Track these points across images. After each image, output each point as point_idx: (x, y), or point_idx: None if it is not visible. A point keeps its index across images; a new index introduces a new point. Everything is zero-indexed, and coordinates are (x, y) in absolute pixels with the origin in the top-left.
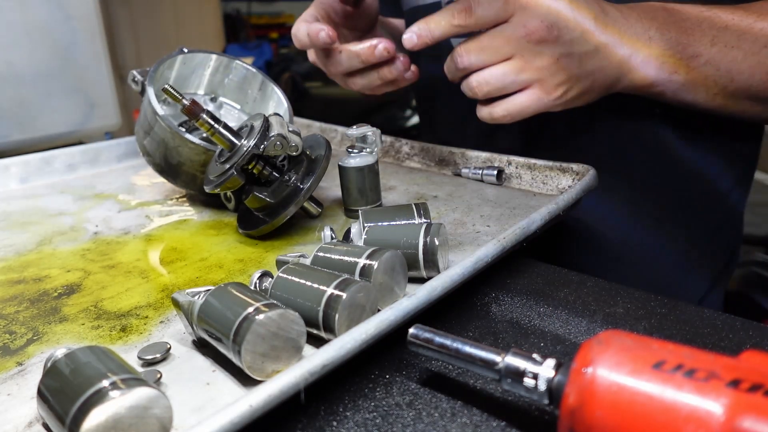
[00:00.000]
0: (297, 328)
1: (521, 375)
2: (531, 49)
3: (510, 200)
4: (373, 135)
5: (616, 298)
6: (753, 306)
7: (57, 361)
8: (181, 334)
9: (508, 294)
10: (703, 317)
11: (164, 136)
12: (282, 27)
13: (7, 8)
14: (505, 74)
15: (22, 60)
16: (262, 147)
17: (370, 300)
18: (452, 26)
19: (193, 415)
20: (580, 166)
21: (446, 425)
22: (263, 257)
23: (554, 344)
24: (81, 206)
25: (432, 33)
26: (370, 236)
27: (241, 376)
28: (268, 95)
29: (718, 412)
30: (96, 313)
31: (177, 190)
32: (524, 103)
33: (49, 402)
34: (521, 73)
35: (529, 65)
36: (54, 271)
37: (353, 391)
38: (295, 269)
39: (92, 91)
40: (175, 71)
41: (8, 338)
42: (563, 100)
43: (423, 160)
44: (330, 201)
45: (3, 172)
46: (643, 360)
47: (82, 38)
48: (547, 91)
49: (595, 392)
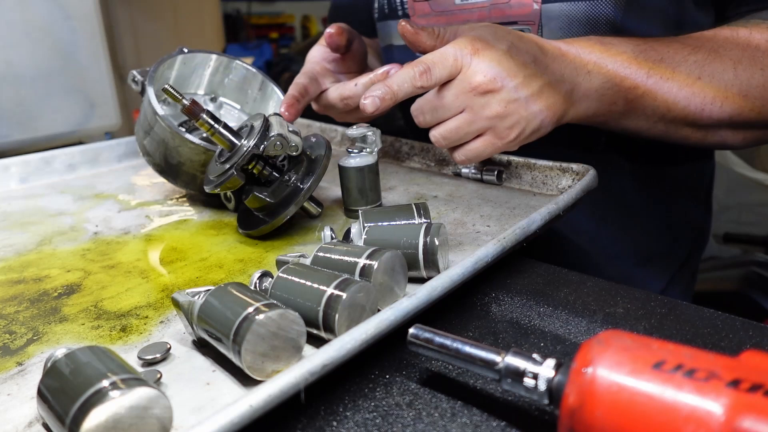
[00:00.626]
0: (297, 328)
1: (521, 375)
2: (478, 101)
3: (510, 200)
4: (373, 135)
5: (616, 298)
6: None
7: (57, 361)
8: (181, 334)
9: (508, 294)
10: (703, 317)
11: (164, 136)
12: (282, 27)
13: (7, 8)
14: (459, 128)
15: (22, 60)
16: (262, 147)
17: (370, 300)
18: (415, 88)
19: (193, 415)
20: (580, 166)
21: (446, 425)
22: (263, 257)
23: (554, 344)
24: (81, 206)
25: (395, 95)
26: (370, 236)
27: (241, 376)
28: (268, 95)
29: (718, 412)
30: (96, 313)
31: (177, 190)
32: (479, 149)
33: (49, 402)
34: (472, 124)
35: (478, 116)
36: (54, 271)
37: (353, 391)
38: (295, 269)
39: (92, 91)
40: (175, 71)
41: (8, 338)
42: (516, 142)
43: (423, 160)
44: (330, 201)
45: (3, 172)
46: (643, 360)
47: (82, 38)
48: (500, 136)
49: (595, 392)
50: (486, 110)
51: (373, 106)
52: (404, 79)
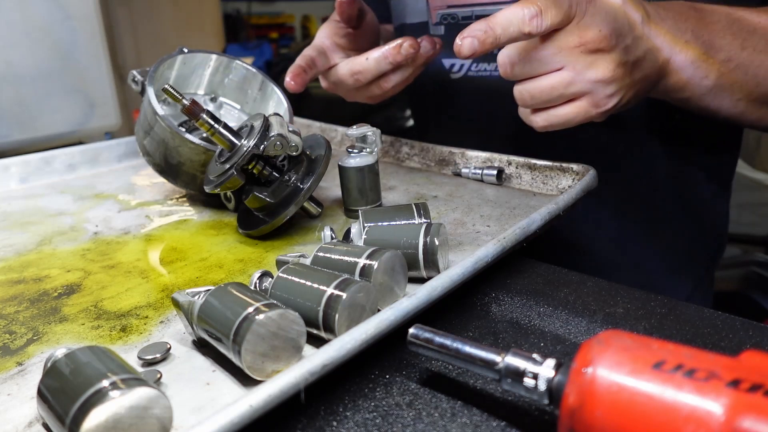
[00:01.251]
0: (297, 328)
1: (521, 375)
2: (584, 59)
3: (510, 200)
4: (373, 135)
5: (616, 298)
6: (753, 306)
7: (57, 361)
8: (181, 334)
9: (508, 294)
10: (703, 317)
11: (164, 136)
12: (282, 27)
13: (7, 8)
14: (554, 88)
15: (22, 60)
16: (262, 147)
17: (370, 300)
18: (522, 34)
19: (193, 415)
20: (580, 166)
21: (446, 425)
22: (263, 257)
23: (554, 344)
24: (81, 206)
25: (497, 39)
26: (370, 236)
27: (241, 376)
28: (268, 95)
29: (718, 412)
30: (96, 313)
31: (177, 190)
32: (568, 115)
33: (49, 402)
34: (570, 86)
35: (580, 77)
36: (54, 271)
37: (353, 391)
38: (295, 269)
39: (92, 91)
40: (175, 71)
41: (8, 338)
42: (608, 113)
43: (423, 160)
44: (330, 201)
45: (3, 172)
46: (643, 360)
47: (82, 38)
48: (596, 104)
49: (595, 392)
50: (590, 72)
51: (470, 49)
52: (511, 21)
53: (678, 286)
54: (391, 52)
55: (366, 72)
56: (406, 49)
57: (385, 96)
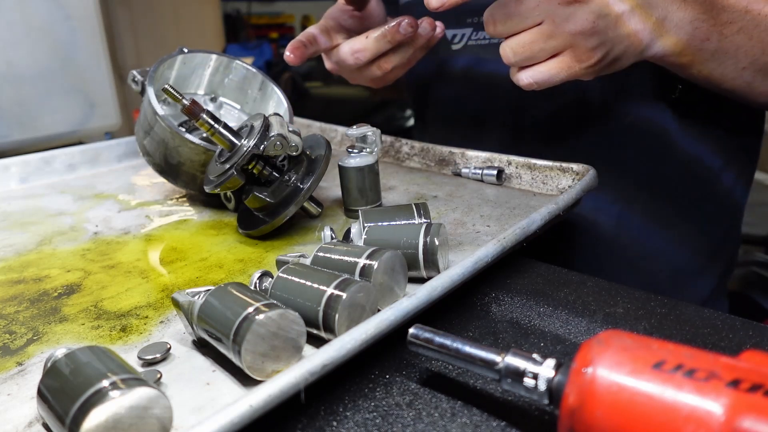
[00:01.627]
0: (297, 328)
1: (521, 375)
2: (562, 12)
3: (510, 200)
4: (373, 135)
5: (616, 298)
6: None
7: (57, 361)
8: (181, 334)
9: (508, 294)
10: (703, 317)
11: (164, 136)
12: (282, 27)
13: (7, 8)
14: (534, 42)
15: (22, 60)
16: (262, 147)
17: (370, 300)
18: None
19: (193, 415)
20: (580, 166)
21: (446, 425)
22: (263, 257)
23: (554, 344)
24: (81, 206)
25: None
26: (370, 236)
27: (241, 376)
28: (268, 95)
29: (718, 412)
30: (96, 313)
31: (177, 190)
32: (551, 71)
33: (49, 402)
34: (550, 39)
35: (559, 30)
36: (54, 271)
37: (353, 391)
38: (295, 269)
39: (92, 91)
40: (175, 71)
41: (8, 338)
42: (596, 68)
43: (423, 160)
44: (330, 201)
45: (3, 172)
46: (643, 360)
47: (82, 38)
48: (579, 58)
49: (595, 392)
50: (569, 24)
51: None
52: None
53: (698, 288)
54: (390, 30)
55: (366, 50)
56: (405, 27)
57: (387, 80)
